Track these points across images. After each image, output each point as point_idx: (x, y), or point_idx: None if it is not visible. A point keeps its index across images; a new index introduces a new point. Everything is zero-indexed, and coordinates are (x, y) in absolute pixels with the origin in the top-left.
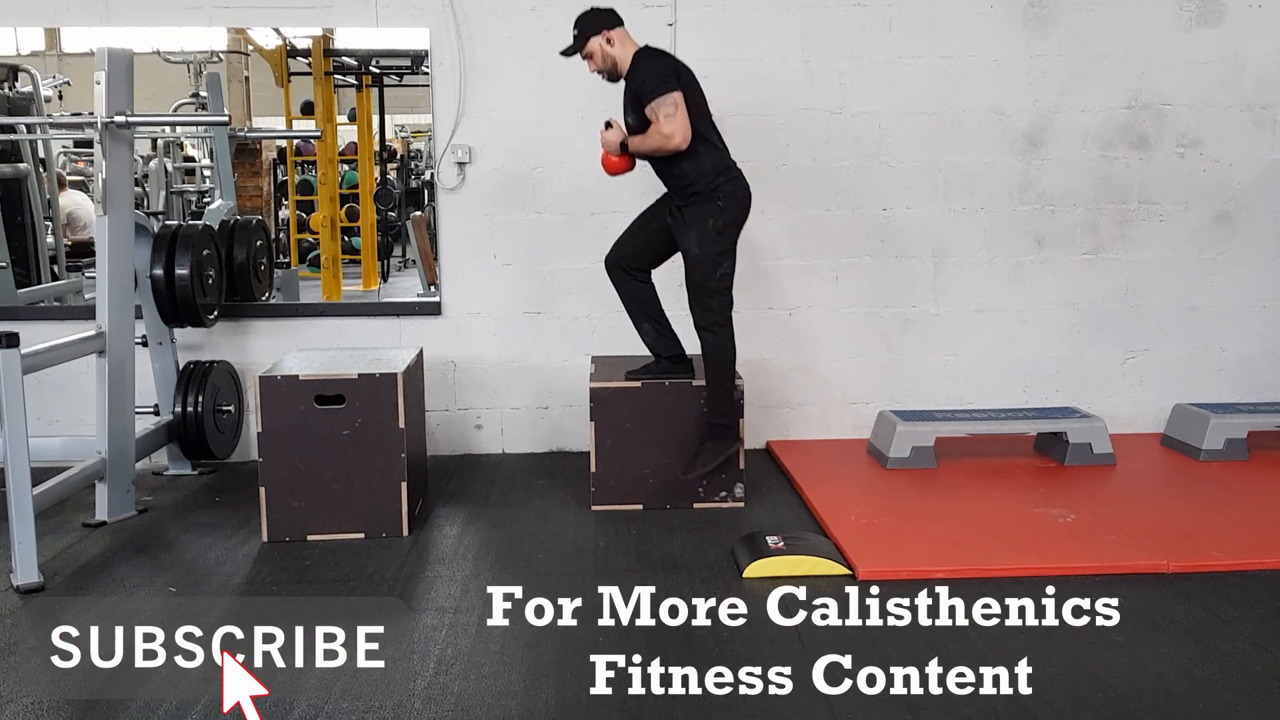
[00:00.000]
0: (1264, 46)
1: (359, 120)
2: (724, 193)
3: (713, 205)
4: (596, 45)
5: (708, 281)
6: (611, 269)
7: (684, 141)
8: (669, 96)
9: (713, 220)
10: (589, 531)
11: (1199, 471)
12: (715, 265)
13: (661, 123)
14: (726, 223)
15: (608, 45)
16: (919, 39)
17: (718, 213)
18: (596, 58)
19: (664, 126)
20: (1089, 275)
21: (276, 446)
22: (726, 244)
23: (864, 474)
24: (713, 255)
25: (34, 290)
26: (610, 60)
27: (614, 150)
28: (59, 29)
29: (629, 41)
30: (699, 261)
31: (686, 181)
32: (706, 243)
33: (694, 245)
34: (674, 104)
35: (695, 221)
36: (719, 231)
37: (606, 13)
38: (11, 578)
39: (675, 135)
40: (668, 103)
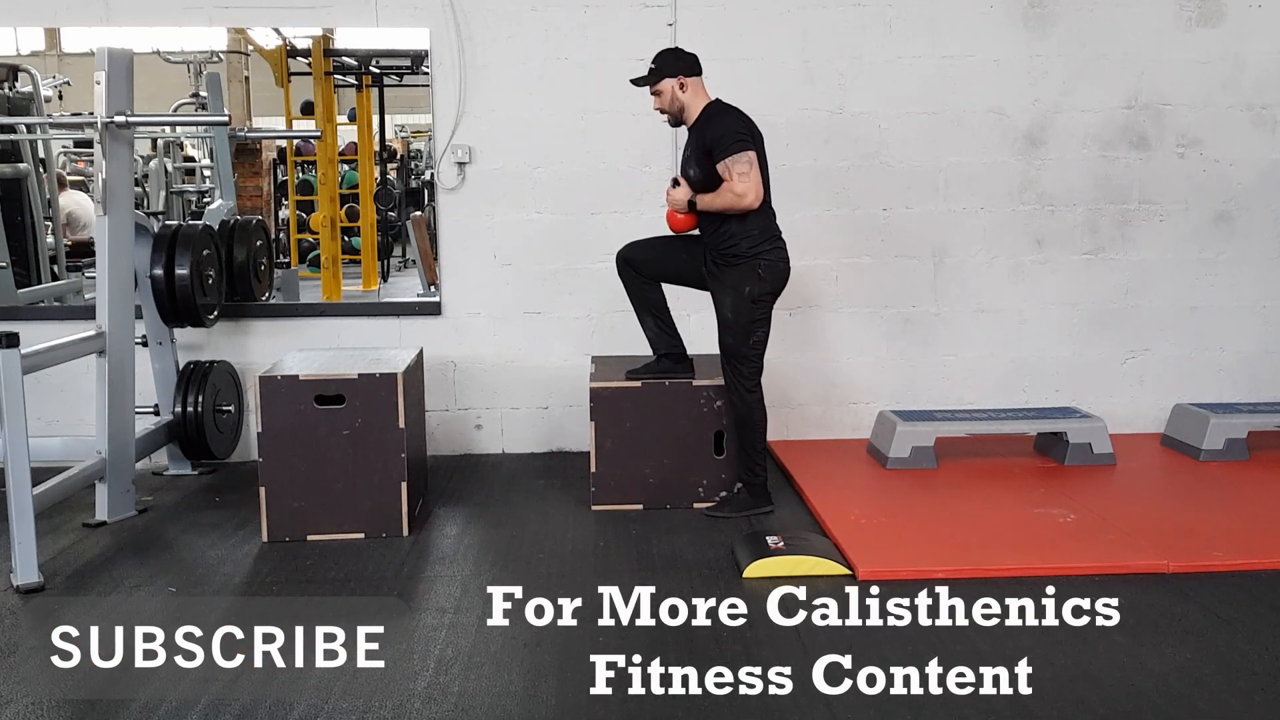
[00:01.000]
0: (1264, 46)
1: (359, 120)
2: (765, 260)
3: (753, 273)
4: (669, 86)
5: (740, 348)
6: (622, 265)
7: (755, 201)
8: (745, 155)
9: (749, 288)
10: (589, 531)
11: (1199, 471)
12: (748, 334)
13: (735, 181)
14: (763, 291)
15: (680, 90)
16: (919, 39)
17: (756, 280)
18: (665, 97)
19: (737, 185)
20: (1089, 275)
21: (276, 446)
22: (760, 313)
23: (864, 474)
24: (745, 323)
25: (34, 290)
26: (678, 105)
27: (681, 209)
28: (59, 29)
29: (702, 92)
30: (731, 327)
31: (730, 242)
32: (740, 310)
33: (729, 311)
34: (749, 163)
35: (732, 286)
36: (754, 300)
37: (689, 58)
38: (11, 578)
39: (748, 194)
40: (742, 161)
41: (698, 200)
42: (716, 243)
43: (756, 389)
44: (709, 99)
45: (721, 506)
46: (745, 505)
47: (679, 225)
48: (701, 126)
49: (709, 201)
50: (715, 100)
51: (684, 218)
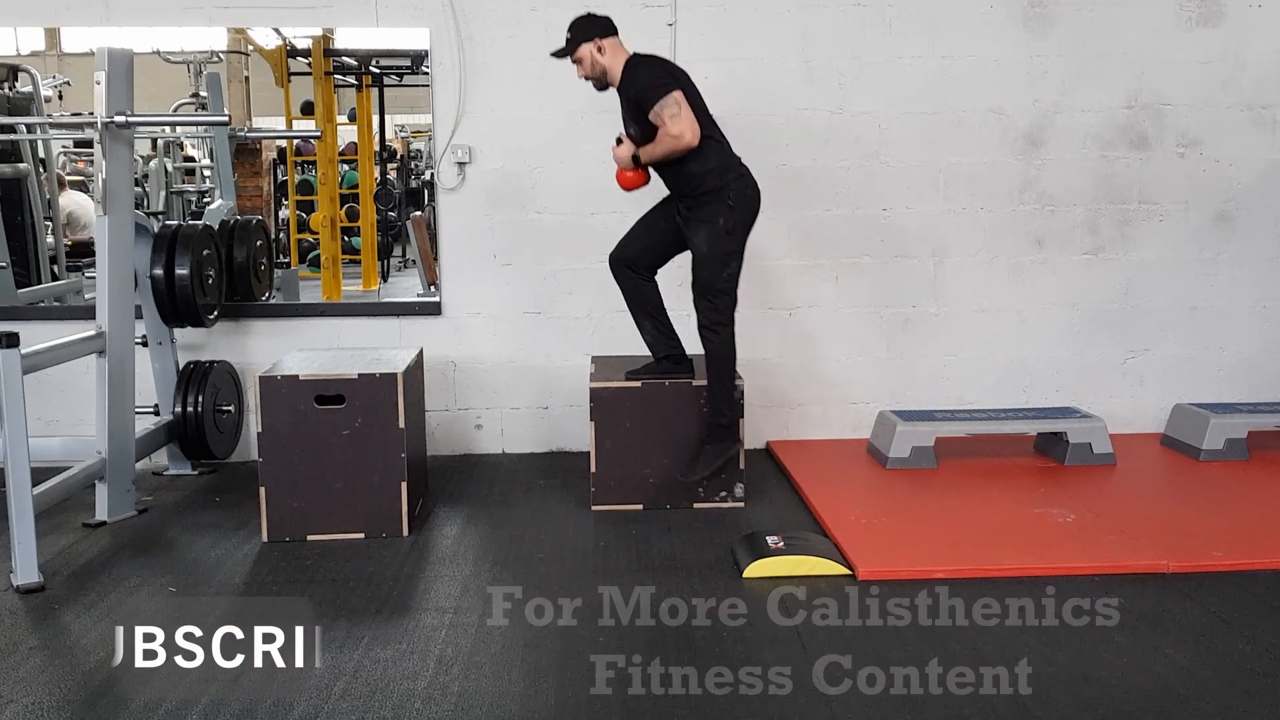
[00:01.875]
0: (1264, 46)
1: (359, 120)
2: (734, 190)
3: (723, 204)
4: (587, 52)
5: (715, 281)
6: (616, 266)
7: (694, 138)
8: (670, 96)
9: (723, 219)
10: (589, 531)
11: (1199, 471)
12: (723, 265)
13: (668, 124)
14: (737, 222)
15: (598, 54)
16: (919, 39)
17: (728, 212)
18: (585, 64)
19: (672, 127)
20: (1089, 275)
21: (276, 446)
22: (735, 244)
23: (864, 474)
24: (721, 255)
25: (34, 290)
26: (600, 69)
27: (627, 165)
28: (59, 29)
29: (620, 51)
30: (707, 260)
31: (695, 181)
32: (715, 242)
33: (703, 244)
34: (677, 103)
35: (705, 220)
36: (729, 231)
37: (601, 20)
38: (11, 578)
39: (685, 133)
40: (670, 103)
41: (641, 153)
42: (682, 188)
43: (730, 323)
44: (627, 55)
45: (694, 468)
46: (716, 455)
47: (629, 182)
48: (626, 84)
49: (650, 151)
50: (633, 54)
51: (633, 174)
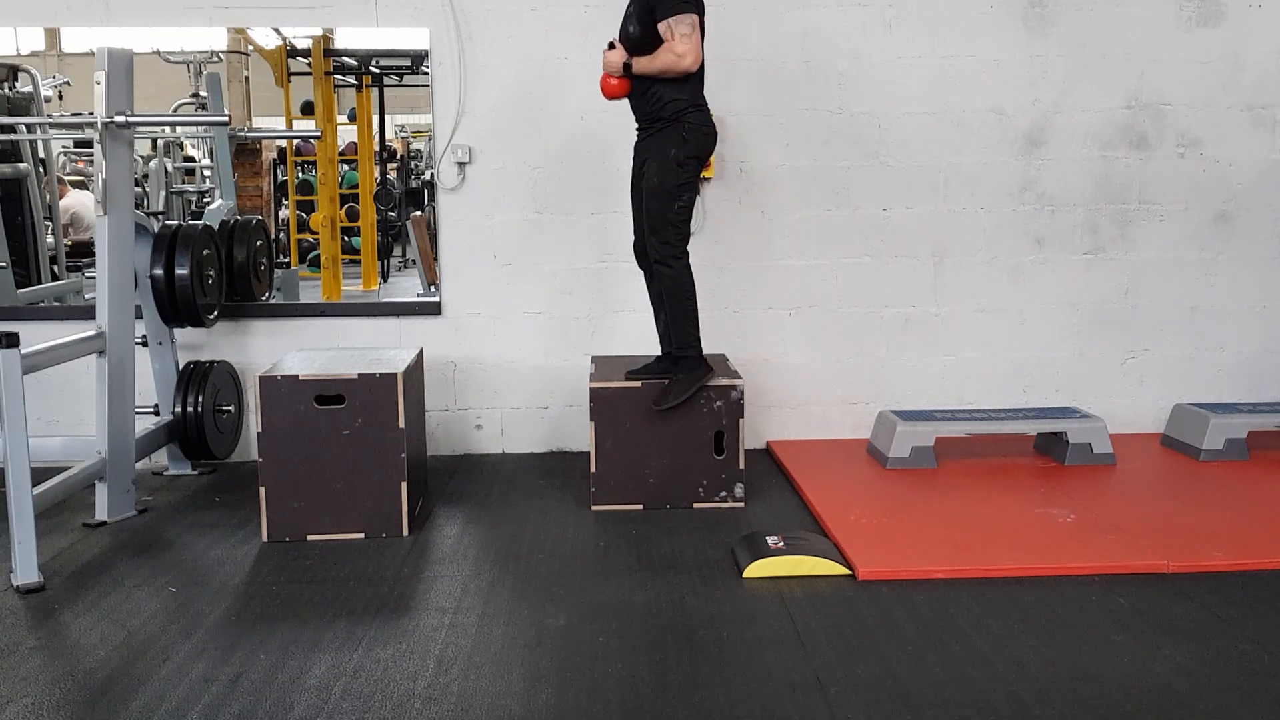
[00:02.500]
0: (1264, 46)
1: (359, 120)
2: (689, 123)
3: (677, 135)
4: None
5: (665, 213)
6: (640, 256)
7: (694, 63)
8: (688, 16)
9: (674, 150)
10: (589, 531)
11: (1199, 471)
12: (674, 197)
13: (677, 40)
14: (688, 155)
15: None
16: (919, 39)
17: (680, 143)
18: None
19: (679, 45)
20: (1089, 275)
21: (276, 446)
22: (687, 175)
23: (864, 474)
24: (671, 187)
25: (34, 290)
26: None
27: (615, 71)
28: (59, 29)
29: None
30: (658, 192)
31: (657, 104)
32: (666, 173)
33: (654, 176)
34: (691, 25)
35: (657, 150)
36: (679, 163)
37: None
38: (11, 578)
39: (687, 56)
40: (685, 22)
41: (634, 63)
42: (645, 107)
43: (683, 255)
44: None
45: (665, 397)
46: (686, 385)
47: (613, 90)
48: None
49: (646, 64)
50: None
51: (618, 82)
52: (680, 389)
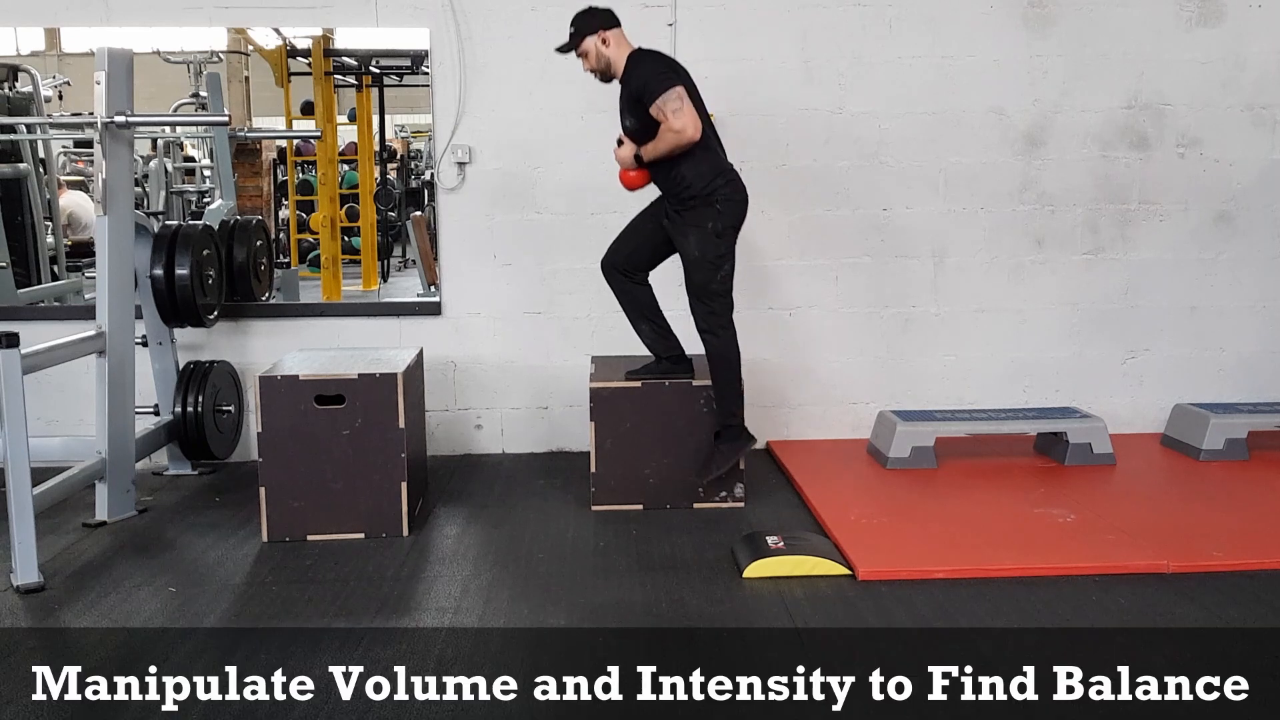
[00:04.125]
0: (1264, 46)
1: (359, 120)
2: (721, 195)
3: (711, 209)
4: (592, 45)
5: (709, 284)
6: (608, 271)
7: (696, 132)
8: (672, 91)
9: (711, 224)
10: (589, 531)
11: (1199, 471)
12: (715, 268)
13: (670, 119)
14: (725, 226)
15: (603, 45)
16: (919, 39)
17: (716, 216)
18: (591, 57)
19: (674, 122)
20: (1089, 275)
21: (276, 446)
22: (726, 247)
23: (864, 474)
24: (713, 258)
25: (34, 290)
26: (605, 61)
27: (629, 165)
28: (59, 29)
29: (625, 43)
30: (699, 265)
31: (684, 185)
32: (706, 246)
33: (694, 249)
34: (679, 98)
35: (694, 225)
36: (718, 234)
37: (604, 13)
38: (11, 578)
39: (687, 128)
40: (672, 97)
41: (643, 151)
42: (671, 189)
43: (730, 325)
44: (631, 48)
45: (708, 468)
46: (729, 454)
47: (632, 182)
48: (627, 77)
49: (653, 148)
50: (636, 49)
51: (635, 174)
52: (723, 459)
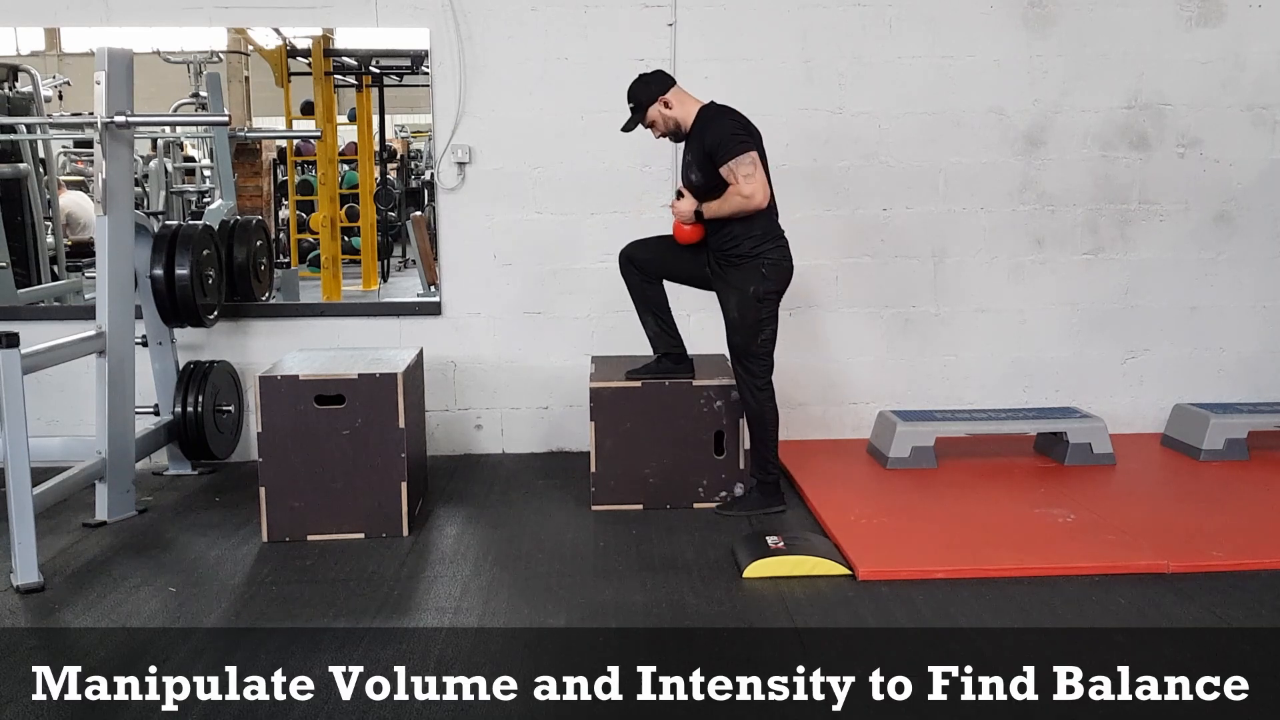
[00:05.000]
0: (1264, 46)
1: (359, 120)
2: (769, 260)
3: (756, 272)
4: (656, 113)
5: (749, 346)
6: (624, 264)
7: (764, 202)
8: (748, 155)
9: (754, 287)
10: (589, 531)
11: (1199, 471)
12: (756, 332)
13: (741, 183)
14: (768, 291)
15: (666, 109)
16: (919, 39)
17: (760, 280)
18: (659, 124)
19: (744, 188)
20: (1089, 275)
21: (276, 446)
22: (767, 311)
23: (864, 474)
24: (753, 321)
25: (34, 290)
26: (672, 122)
27: (688, 220)
28: (59, 29)
29: (687, 99)
30: (739, 327)
31: (733, 242)
32: (746, 310)
33: (734, 310)
34: (752, 163)
35: (737, 286)
36: (759, 299)
37: (657, 76)
38: (11, 578)
39: (756, 195)
40: (746, 162)
41: (704, 209)
42: (720, 243)
43: (767, 387)
44: (698, 103)
45: (732, 505)
46: (757, 504)
47: (687, 237)
48: (700, 132)
49: (716, 209)
50: (710, 104)
51: (690, 229)
52: (750, 505)
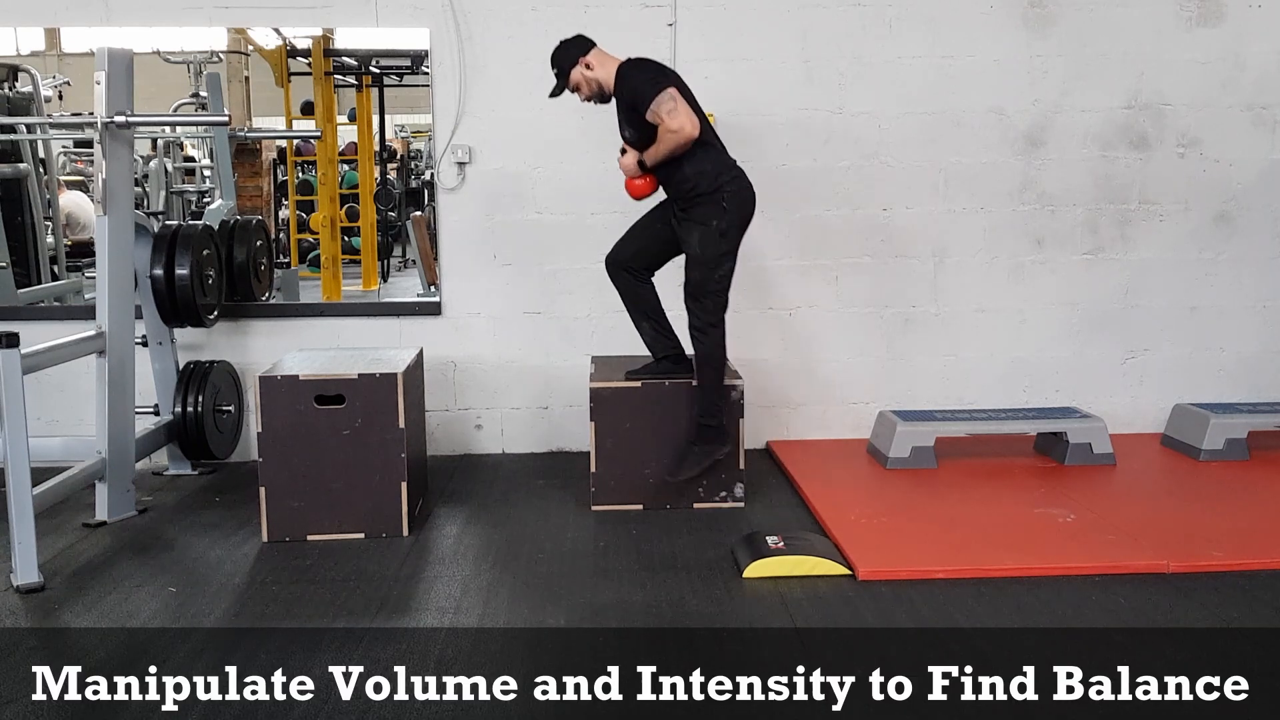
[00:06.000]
0: (1264, 46)
1: (359, 120)
2: (728, 192)
3: (717, 206)
4: (579, 76)
5: (706, 283)
6: (612, 268)
7: (694, 129)
8: (665, 94)
9: (716, 221)
10: (589, 531)
11: (1199, 471)
12: (715, 266)
13: (667, 120)
14: (730, 224)
15: (588, 70)
16: (919, 39)
17: (722, 214)
18: (583, 87)
19: (670, 122)
20: (1089, 275)
21: (276, 446)
22: (729, 245)
23: (864, 474)
24: (714, 256)
25: (34, 290)
26: (595, 84)
27: (634, 173)
28: (59, 29)
29: (608, 59)
30: (699, 262)
31: (689, 184)
32: (709, 244)
33: (696, 245)
34: (672, 98)
35: (699, 222)
36: (722, 233)
37: (575, 41)
38: (11, 578)
39: (685, 126)
40: (665, 99)
41: (645, 156)
42: (679, 191)
43: (720, 324)
44: (615, 60)
45: (680, 467)
46: (704, 456)
47: (639, 190)
48: (619, 90)
49: (654, 152)
50: (622, 61)
51: (642, 181)
52: (696, 460)
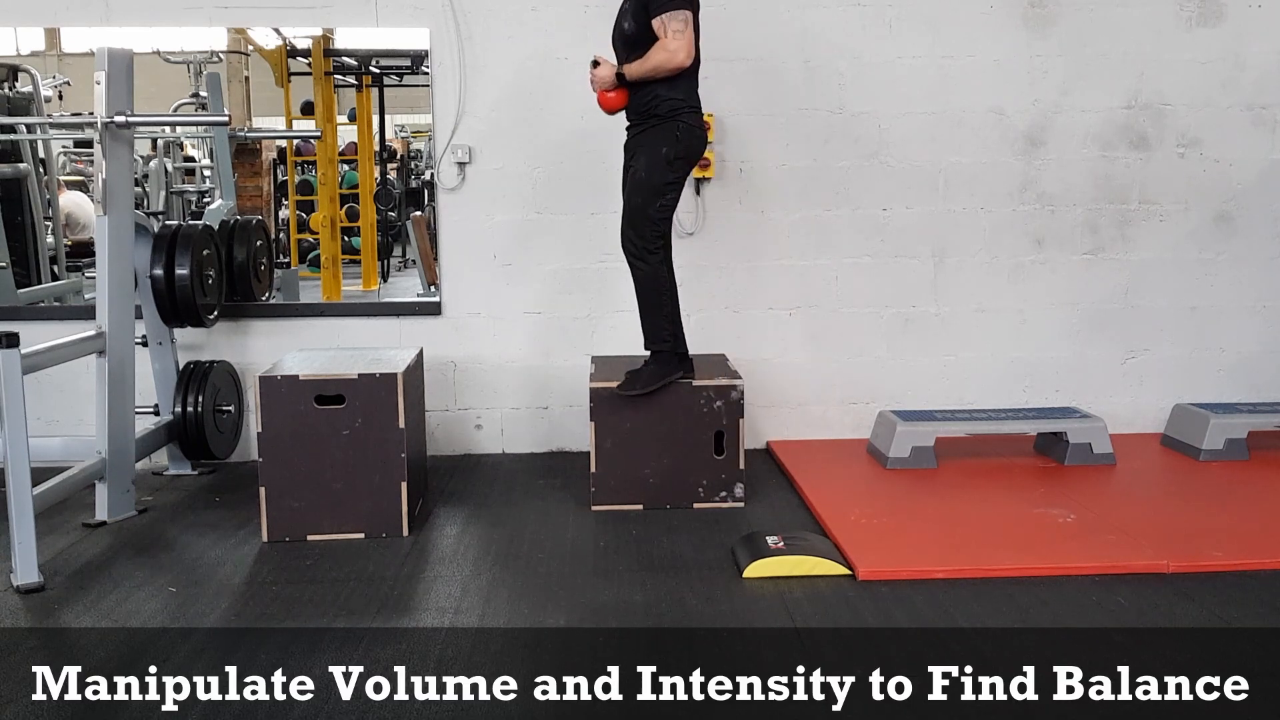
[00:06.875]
0: (1264, 46)
1: (359, 120)
2: (684, 123)
3: (670, 133)
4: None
5: (646, 209)
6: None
7: (687, 60)
8: (682, 12)
9: (666, 148)
10: (589, 531)
11: (1199, 471)
12: (658, 194)
13: (670, 38)
14: (678, 155)
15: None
16: (919, 39)
17: (674, 142)
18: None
19: (670, 42)
20: (1089, 275)
21: (276, 446)
22: (675, 175)
23: (864, 474)
24: (659, 184)
25: (34, 290)
26: None
27: (608, 85)
28: (59, 29)
29: None
30: (643, 187)
31: (654, 102)
32: (654, 170)
33: (641, 169)
34: (684, 21)
35: (649, 146)
36: (669, 161)
37: None
38: (11, 578)
39: (679, 52)
40: (679, 18)
41: (626, 70)
42: (639, 104)
43: (659, 251)
44: None
45: (631, 384)
46: (654, 377)
47: (611, 104)
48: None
49: (637, 68)
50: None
51: (614, 95)
52: (647, 379)
